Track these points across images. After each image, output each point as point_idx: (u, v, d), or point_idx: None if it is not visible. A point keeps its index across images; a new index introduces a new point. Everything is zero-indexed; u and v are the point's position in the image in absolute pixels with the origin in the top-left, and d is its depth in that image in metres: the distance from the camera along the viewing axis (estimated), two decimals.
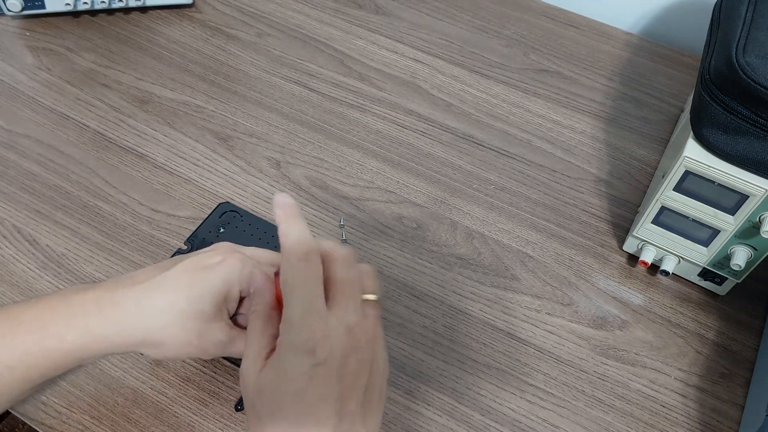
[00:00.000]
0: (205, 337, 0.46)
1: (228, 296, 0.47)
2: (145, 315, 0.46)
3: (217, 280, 0.47)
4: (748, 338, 0.63)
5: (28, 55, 0.82)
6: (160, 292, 0.46)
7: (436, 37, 0.87)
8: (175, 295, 0.46)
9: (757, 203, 0.54)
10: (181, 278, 0.46)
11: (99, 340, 0.45)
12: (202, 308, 0.46)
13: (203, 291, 0.46)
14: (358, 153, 0.74)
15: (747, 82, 0.50)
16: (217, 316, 0.47)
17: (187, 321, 0.46)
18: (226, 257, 0.48)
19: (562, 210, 0.71)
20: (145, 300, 0.46)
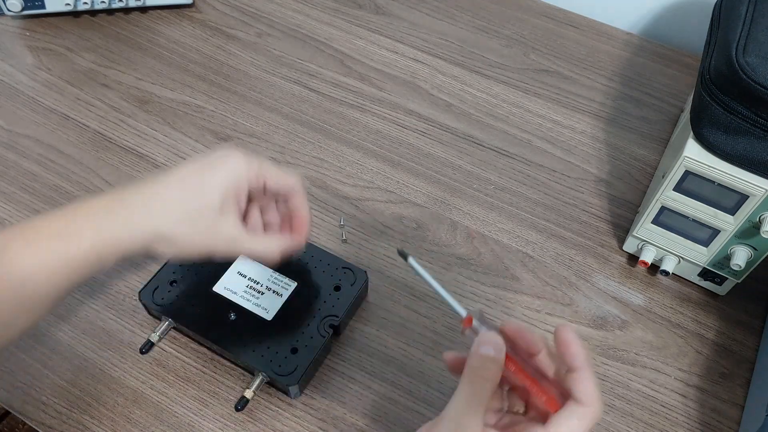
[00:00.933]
0: (215, 232, 0.48)
1: (236, 190, 0.49)
2: (153, 212, 0.47)
3: (222, 173, 0.48)
4: (748, 338, 0.63)
5: (28, 55, 0.82)
6: (168, 190, 0.47)
7: (436, 37, 0.87)
8: (182, 191, 0.47)
9: (757, 203, 0.54)
10: (187, 175, 0.48)
11: (112, 241, 0.46)
12: (211, 202, 0.47)
13: (210, 185, 0.47)
14: (358, 153, 0.74)
15: (747, 82, 0.50)
16: (225, 211, 0.48)
17: (195, 216, 0.47)
18: (230, 153, 0.49)
19: (562, 210, 0.71)
20: (152, 198, 0.47)
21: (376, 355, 0.60)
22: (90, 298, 0.62)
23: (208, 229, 0.48)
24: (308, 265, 0.61)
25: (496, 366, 0.38)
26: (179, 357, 0.59)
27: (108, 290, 0.62)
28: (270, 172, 0.51)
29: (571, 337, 0.38)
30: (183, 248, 0.49)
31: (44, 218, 0.46)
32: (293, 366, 0.55)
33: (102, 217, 0.46)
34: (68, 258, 0.45)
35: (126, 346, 0.59)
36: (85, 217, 0.46)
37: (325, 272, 0.60)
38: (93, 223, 0.46)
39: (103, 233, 0.46)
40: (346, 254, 0.66)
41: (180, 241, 0.48)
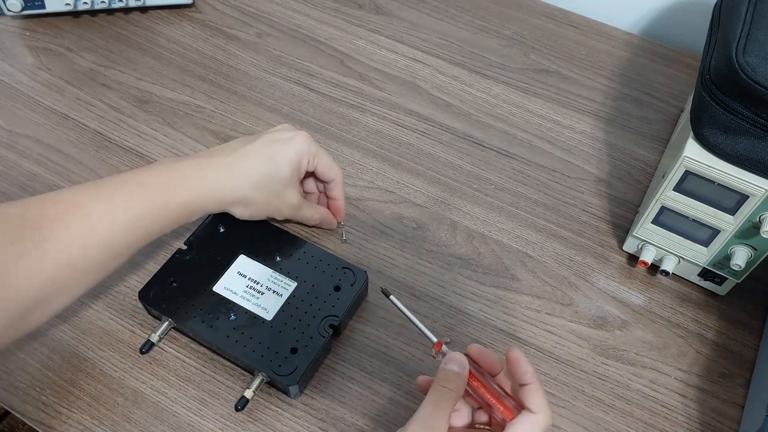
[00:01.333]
0: (283, 198, 0.59)
1: (300, 166, 0.59)
2: (236, 177, 0.56)
3: (292, 150, 0.58)
4: (748, 338, 0.63)
5: (28, 55, 0.82)
6: (248, 160, 0.57)
7: (436, 37, 0.87)
8: (260, 161, 0.57)
9: (757, 203, 0.54)
10: (264, 148, 0.58)
11: (204, 196, 0.55)
12: (281, 173, 0.58)
13: (282, 159, 0.58)
14: (358, 153, 0.74)
15: (747, 82, 0.50)
16: (292, 181, 0.59)
17: (269, 183, 0.58)
18: (296, 133, 0.60)
19: (562, 210, 0.71)
20: (236, 165, 0.56)
21: (376, 355, 0.60)
22: (90, 298, 0.62)
23: (278, 197, 0.59)
24: (308, 265, 0.61)
25: (460, 379, 0.45)
26: (179, 357, 0.59)
27: (108, 290, 0.62)
28: (323, 158, 0.61)
29: (520, 356, 0.45)
30: (255, 211, 0.59)
31: (144, 173, 0.53)
32: (293, 366, 0.55)
33: (198, 178, 0.54)
34: (169, 208, 0.53)
35: (126, 346, 0.59)
36: (181, 177, 0.54)
37: (325, 272, 0.60)
38: (190, 181, 0.54)
39: (199, 189, 0.54)
40: (346, 254, 0.66)
41: (254, 204, 0.58)
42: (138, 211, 0.51)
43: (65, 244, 0.47)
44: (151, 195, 0.52)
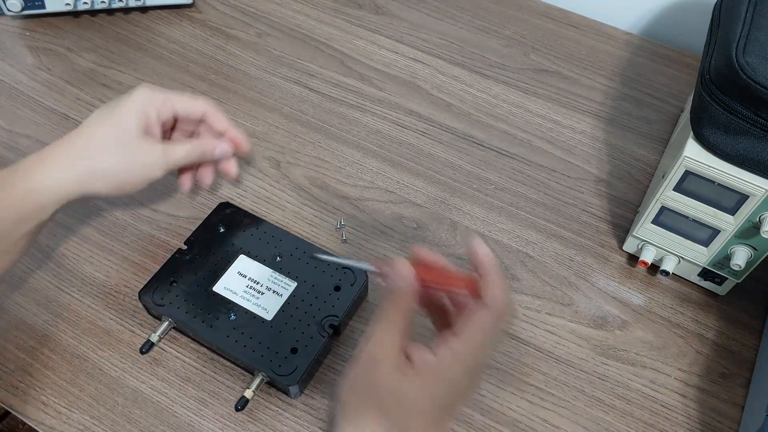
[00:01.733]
0: (140, 153, 0.55)
1: (147, 117, 0.56)
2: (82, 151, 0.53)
3: (131, 102, 0.55)
4: (748, 338, 0.63)
5: (28, 55, 0.82)
6: (89, 130, 0.54)
7: (436, 37, 0.87)
8: (102, 126, 0.54)
9: (757, 203, 0.54)
10: (102, 114, 0.55)
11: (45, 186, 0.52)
12: (127, 128, 0.54)
13: (123, 114, 0.55)
14: (358, 153, 0.74)
15: (747, 82, 0.50)
16: (143, 135, 0.55)
17: (121, 143, 0.54)
18: (136, 89, 0.57)
19: (562, 210, 0.71)
20: (77, 140, 0.54)
21: None
22: (90, 298, 0.62)
23: (135, 154, 0.54)
24: (308, 265, 0.61)
25: (407, 290, 0.43)
26: (179, 357, 0.59)
27: (108, 290, 0.62)
28: (177, 99, 0.58)
29: (480, 244, 0.43)
30: (119, 180, 0.55)
31: None
32: (293, 366, 0.55)
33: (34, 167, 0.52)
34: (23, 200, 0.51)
35: (126, 346, 0.59)
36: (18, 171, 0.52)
37: (325, 272, 0.60)
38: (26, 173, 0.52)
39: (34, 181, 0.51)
40: (346, 254, 0.66)
41: (113, 172, 0.54)
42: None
43: None
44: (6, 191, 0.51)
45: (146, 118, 0.55)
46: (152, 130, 0.57)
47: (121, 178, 0.55)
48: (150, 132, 0.56)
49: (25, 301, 0.61)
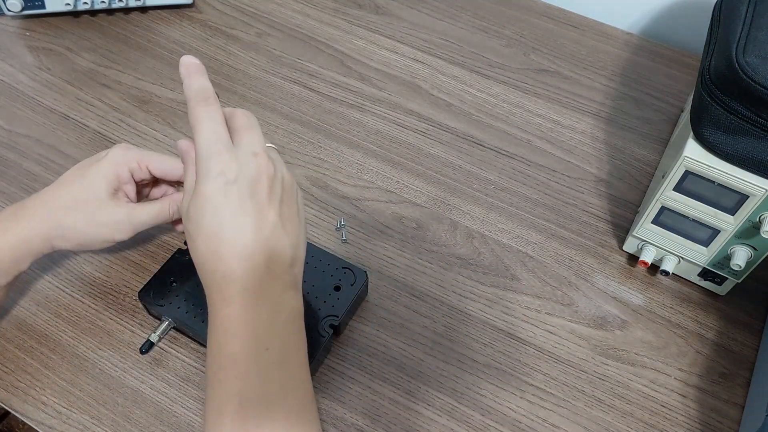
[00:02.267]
0: (107, 215, 0.54)
1: (119, 179, 0.55)
2: (51, 209, 0.54)
3: (104, 164, 0.55)
4: (748, 338, 0.63)
5: (28, 55, 0.82)
6: (61, 188, 0.55)
7: (436, 37, 0.87)
8: (72, 186, 0.54)
9: (757, 203, 0.54)
10: (75, 173, 0.55)
11: (20, 240, 0.53)
12: (97, 192, 0.54)
13: (94, 178, 0.54)
14: (358, 153, 0.74)
15: (747, 82, 0.50)
16: (113, 197, 0.55)
17: (87, 204, 0.54)
18: (111, 150, 0.56)
19: (562, 210, 0.71)
20: (49, 197, 0.54)
21: (376, 355, 0.60)
22: (90, 298, 0.62)
23: (99, 216, 0.54)
24: (308, 265, 0.61)
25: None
26: (179, 357, 0.59)
27: (108, 290, 0.62)
28: (151, 160, 0.56)
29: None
30: (80, 240, 0.55)
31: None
32: None
33: (11, 221, 0.53)
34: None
35: (126, 346, 0.59)
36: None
37: (325, 272, 0.60)
38: (3, 225, 0.53)
39: (12, 233, 0.53)
40: (346, 254, 0.66)
41: (78, 231, 0.54)
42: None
43: None
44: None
45: (117, 179, 0.55)
46: (125, 190, 0.56)
47: (82, 238, 0.55)
48: (121, 193, 0.56)
49: (25, 301, 0.61)
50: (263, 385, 0.43)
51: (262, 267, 0.43)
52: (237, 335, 0.43)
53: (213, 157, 0.43)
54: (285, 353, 0.45)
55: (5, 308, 0.61)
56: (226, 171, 0.43)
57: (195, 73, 0.46)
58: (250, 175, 0.44)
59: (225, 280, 0.43)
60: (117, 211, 0.55)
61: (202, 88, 0.46)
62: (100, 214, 0.54)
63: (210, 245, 0.43)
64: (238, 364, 0.43)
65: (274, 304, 0.45)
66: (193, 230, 0.44)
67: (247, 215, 0.43)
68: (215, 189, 0.43)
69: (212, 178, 0.43)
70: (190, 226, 0.44)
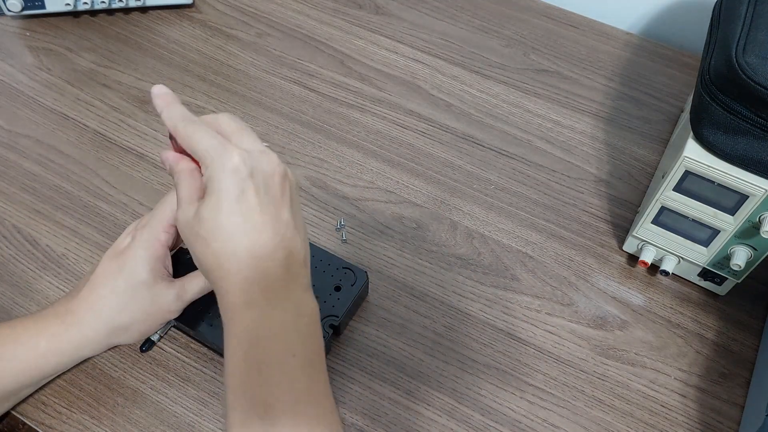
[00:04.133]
0: (159, 300, 0.52)
1: (157, 258, 0.52)
2: (102, 315, 0.52)
3: (140, 253, 0.52)
4: (748, 338, 0.63)
5: (28, 55, 0.82)
6: (103, 288, 0.52)
7: (436, 37, 0.87)
8: (116, 282, 0.52)
9: (757, 203, 0.54)
10: (111, 266, 0.52)
11: (67, 345, 0.52)
12: (143, 280, 0.52)
13: (135, 267, 0.51)
14: (358, 153, 0.74)
15: (747, 82, 0.50)
16: (158, 278, 0.52)
17: (136, 297, 0.52)
18: (136, 234, 0.53)
19: (562, 210, 0.71)
20: (94, 300, 0.52)
21: (376, 355, 0.60)
22: None
23: (154, 303, 0.53)
24: None
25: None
26: (179, 357, 0.59)
27: None
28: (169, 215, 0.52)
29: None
30: (144, 329, 0.54)
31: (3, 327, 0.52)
32: None
33: (57, 325, 0.52)
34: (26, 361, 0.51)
35: (126, 346, 0.59)
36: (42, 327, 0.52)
37: (325, 272, 0.60)
38: (50, 329, 0.52)
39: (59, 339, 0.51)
40: (346, 254, 0.66)
41: (136, 327, 0.53)
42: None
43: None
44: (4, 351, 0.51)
45: (156, 259, 0.52)
46: (164, 265, 0.53)
47: (144, 329, 0.54)
48: (165, 273, 0.53)
49: (25, 301, 0.61)
50: (290, 392, 0.42)
51: (282, 267, 0.42)
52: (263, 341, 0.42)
53: (224, 153, 0.42)
54: (309, 357, 0.44)
55: (5, 308, 0.61)
56: (241, 166, 0.41)
57: (172, 102, 0.46)
58: (264, 170, 0.43)
59: (247, 282, 0.42)
60: (167, 293, 0.53)
61: (183, 112, 0.45)
62: (155, 300, 0.52)
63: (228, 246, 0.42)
64: (264, 372, 0.42)
65: (296, 306, 0.43)
66: (207, 233, 0.42)
67: (264, 212, 0.42)
68: (232, 185, 0.41)
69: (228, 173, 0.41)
70: (202, 229, 0.42)
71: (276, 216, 0.43)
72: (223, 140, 0.43)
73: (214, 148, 0.42)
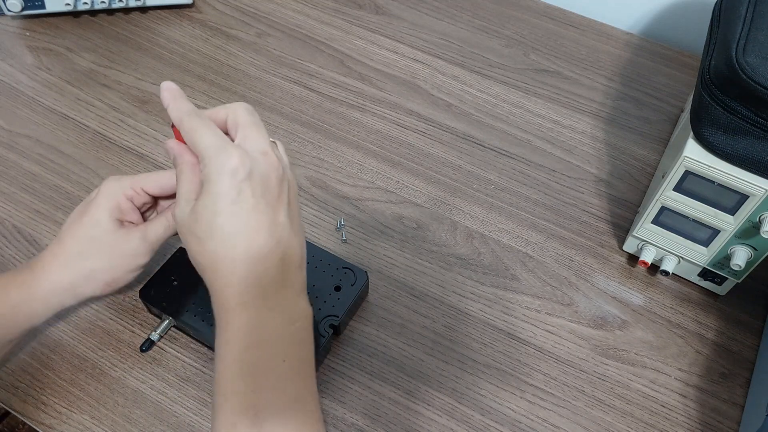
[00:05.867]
0: (122, 245, 0.53)
1: (120, 210, 0.53)
2: (64, 260, 0.52)
3: (102, 201, 0.53)
4: (748, 338, 0.63)
5: (28, 55, 0.82)
6: (67, 237, 0.53)
7: (436, 37, 0.87)
8: (77, 230, 0.53)
9: (757, 203, 0.54)
10: (74, 218, 0.54)
11: (35, 293, 0.52)
12: (104, 227, 0.52)
13: (95, 214, 0.53)
14: (358, 153, 0.74)
15: (747, 82, 0.50)
16: (120, 227, 0.53)
17: (98, 242, 0.52)
18: (101, 185, 0.54)
19: (562, 210, 0.71)
20: (58, 249, 0.53)
21: (376, 355, 0.60)
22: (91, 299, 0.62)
23: (116, 247, 0.53)
24: (309, 265, 0.61)
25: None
26: (179, 357, 0.59)
27: None
28: (146, 179, 0.54)
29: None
30: (108, 276, 0.53)
31: None
32: None
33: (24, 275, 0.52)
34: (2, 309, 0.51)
35: (126, 346, 0.59)
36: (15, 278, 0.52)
37: (326, 272, 0.60)
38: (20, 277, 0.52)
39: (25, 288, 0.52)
40: (346, 254, 0.66)
41: (100, 271, 0.53)
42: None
43: None
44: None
45: (119, 210, 0.53)
46: (130, 218, 0.54)
47: (108, 276, 0.54)
48: (127, 224, 0.54)
49: None
50: (279, 397, 0.42)
51: (277, 269, 0.43)
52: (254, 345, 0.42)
53: (223, 154, 0.42)
54: (299, 363, 0.44)
55: None
56: (239, 168, 0.41)
57: (180, 97, 0.46)
58: (262, 172, 0.43)
59: (241, 284, 0.42)
60: (130, 238, 0.53)
61: (190, 107, 0.45)
62: (115, 246, 0.53)
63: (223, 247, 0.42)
64: (255, 376, 0.42)
65: (289, 310, 0.44)
66: (202, 233, 0.42)
67: (261, 214, 0.42)
68: (229, 186, 0.41)
69: (226, 175, 0.41)
70: (198, 228, 0.42)
71: (272, 218, 0.43)
72: (225, 139, 0.43)
73: (215, 147, 0.42)
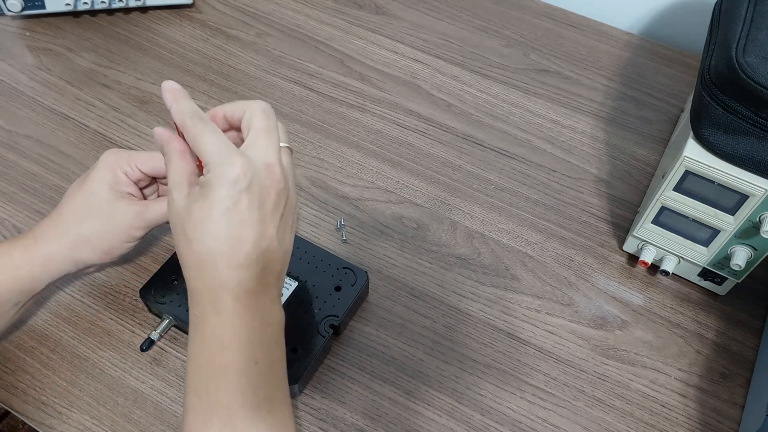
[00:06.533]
0: (120, 214, 0.55)
1: (117, 181, 0.55)
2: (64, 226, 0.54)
3: (100, 172, 0.55)
4: (748, 338, 0.63)
5: (28, 55, 0.82)
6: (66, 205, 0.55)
7: (436, 37, 0.87)
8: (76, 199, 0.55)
9: (757, 203, 0.54)
10: (73, 189, 0.56)
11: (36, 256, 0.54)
12: (102, 196, 0.54)
13: (93, 184, 0.55)
14: (358, 153, 0.74)
15: (747, 82, 0.50)
16: (118, 198, 0.55)
17: (97, 210, 0.54)
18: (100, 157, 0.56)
19: (562, 210, 0.71)
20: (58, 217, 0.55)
21: (376, 355, 0.60)
22: (90, 298, 0.62)
23: (115, 216, 0.55)
24: (309, 265, 0.61)
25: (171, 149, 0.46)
26: (179, 357, 0.59)
27: (108, 290, 0.62)
28: (139, 157, 0.56)
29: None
30: (106, 244, 0.55)
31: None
32: (293, 365, 0.55)
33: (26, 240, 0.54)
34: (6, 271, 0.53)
35: (126, 346, 0.59)
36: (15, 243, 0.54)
37: (326, 272, 0.60)
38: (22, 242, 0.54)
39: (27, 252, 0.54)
40: (346, 254, 0.66)
41: (98, 237, 0.54)
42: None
43: None
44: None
45: (116, 182, 0.55)
46: (128, 191, 0.56)
47: (106, 243, 0.55)
48: (125, 194, 0.56)
49: None
50: (252, 398, 0.43)
51: (256, 279, 0.43)
52: (229, 346, 0.43)
53: (226, 161, 0.42)
54: (272, 366, 0.45)
55: None
56: (241, 178, 0.42)
57: (182, 97, 0.46)
58: (262, 185, 0.43)
59: (220, 288, 0.43)
60: (129, 209, 0.55)
61: (193, 108, 0.45)
62: (113, 214, 0.54)
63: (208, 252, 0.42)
64: (228, 376, 0.43)
65: (264, 315, 0.44)
66: (191, 233, 0.43)
67: (250, 227, 0.43)
68: (227, 195, 0.42)
69: (227, 184, 0.42)
70: (189, 228, 0.43)
71: (262, 231, 0.43)
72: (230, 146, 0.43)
73: (219, 153, 0.43)
